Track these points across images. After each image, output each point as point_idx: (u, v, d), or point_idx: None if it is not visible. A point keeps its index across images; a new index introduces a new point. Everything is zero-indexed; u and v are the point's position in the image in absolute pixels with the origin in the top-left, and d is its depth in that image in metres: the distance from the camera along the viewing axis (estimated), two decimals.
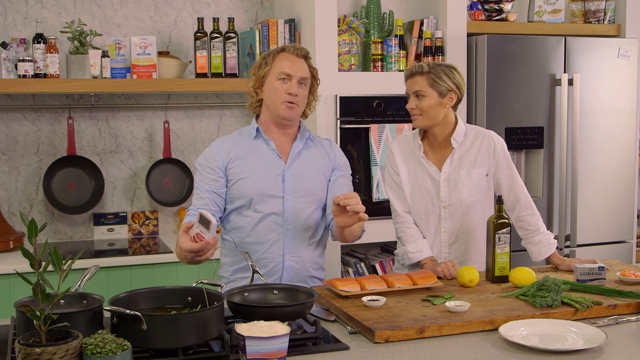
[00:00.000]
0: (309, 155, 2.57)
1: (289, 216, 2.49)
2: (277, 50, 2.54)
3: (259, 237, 2.49)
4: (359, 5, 3.96)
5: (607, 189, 3.97)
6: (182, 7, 3.90)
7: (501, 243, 2.47)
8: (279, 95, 2.47)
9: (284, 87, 2.47)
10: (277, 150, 2.52)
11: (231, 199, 2.51)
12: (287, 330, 1.66)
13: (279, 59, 2.50)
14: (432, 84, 2.60)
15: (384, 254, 3.92)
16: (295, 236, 2.50)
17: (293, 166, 2.52)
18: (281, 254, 2.50)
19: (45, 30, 3.57)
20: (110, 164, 3.82)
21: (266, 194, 2.48)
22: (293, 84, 2.47)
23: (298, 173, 2.52)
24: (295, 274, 2.52)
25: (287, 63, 2.48)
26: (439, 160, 2.70)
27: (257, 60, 2.58)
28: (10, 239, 3.41)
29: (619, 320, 2.07)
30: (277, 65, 2.49)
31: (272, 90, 2.49)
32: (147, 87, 3.49)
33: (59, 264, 1.61)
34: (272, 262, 2.50)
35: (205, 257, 2.12)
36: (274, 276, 2.50)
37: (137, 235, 3.86)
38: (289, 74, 2.47)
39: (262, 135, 2.53)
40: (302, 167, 2.54)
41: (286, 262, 2.50)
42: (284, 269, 2.50)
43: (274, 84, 2.48)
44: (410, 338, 1.92)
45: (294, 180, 2.50)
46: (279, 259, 2.50)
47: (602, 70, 3.90)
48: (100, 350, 1.57)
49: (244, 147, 2.53)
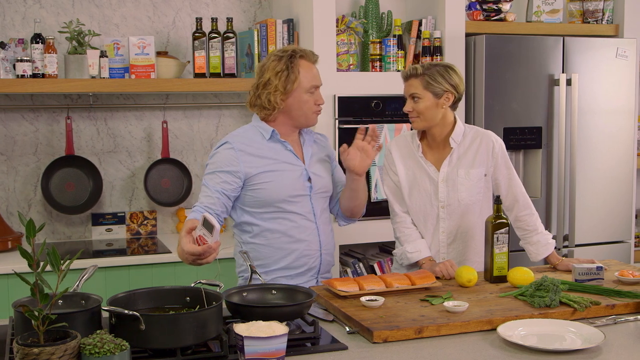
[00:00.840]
0: (317, 152, 2.65)
1: (318, 213, 2.58)
2: (294, 58, 2.50)
3: (296, 237, 2.54)
4: (357, 5, 3.96)
5: (605, 189, 3.97)
6: (181, 7, 3.89)
7: (499, 243, 2.47)
8: (310, 106, 2.53)
9: (313, 98, 2.53)
10: (294, 151, 2.57)
11: (255, 204, 2.52)
12: (285, 330, 1.66)
13: (304, 69, 2.51)
14: (426, 86, 2.60)
15: (382, 254, 3.92)
16: (324, 230, 2.60)
17: (311, 164, 2.59)
18: (318, 249, 2.58)
19: (44, 30, 3.57)
20: (109, 164, 3.82)
21: (295, 194, 2.52)
22: (319, 94, 2.54)
23: (317, 170, 2.60)
24: (326, 265, 2.64)
25: (315, 73, 2.54)
26: (437, 160, 2.70)
27: (277, 67, 2.49)
28: (9, 239, 3.41)
29: (617, 320, 2.07)
30: (304, 78, 2.50)
31: (302, 102, 2.51)
32: (146, 87, 3.49)
33: (57, 264, 1.61)
34: (311, 259, 2.57)
35: (206, 261, 2.12)
36: (312, 272, 2.59)
37: (135, 235, 3.85)
38: (317, 85, 2.54)
39: (279, 139, 2.55)
40: (317, 164, 2.62)
41: (323, 256, 2.60)
42: (322, 263, 2.60)
43: (303, 97, 2.51)
44: (408, 338, 1.92)
45: (316, 178, 2.58)
46: (316, 254, 2.58)
47: (600, 70, 3.90)
48: (98, 351, 1.57)
49: (261, 151, 2.53)
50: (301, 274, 2.56)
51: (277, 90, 2.48)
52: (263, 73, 2.52)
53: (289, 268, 2.54)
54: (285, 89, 2.48)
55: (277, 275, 2.54)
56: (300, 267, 2.55)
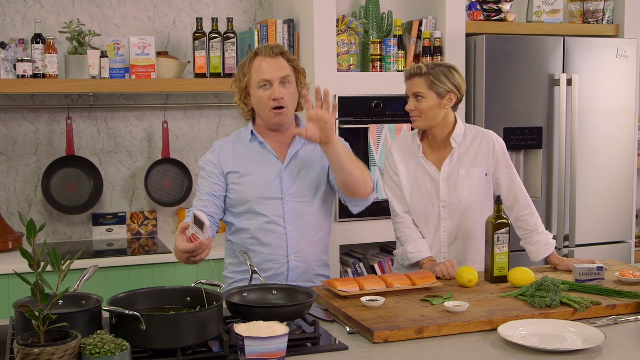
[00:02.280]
0: (310, 150, 2.55)
1: (290, 217, 2.48)
2: (251, 57, 2.49)
3: (261, 240, 2.49)
4: (358, 6, 3.96)
5: (606, 189, 3.97)
6: (181, 8, 3.89)
7: (500, 243, 2.47)
8: (265, 103, 2.43)
9: (267, 94, 2.43)
10: (274, 152, 2.51)
11: (232, 204, 2.52)
12: (286, 330, 1.66)
13: (255, 65, 2.45)
14: (430, 86, 2.60)
15: (383, 254, 3.92)
16: (297, 237, 2.50)
17: (291, 166, 2.51)
18: (285, 255, 2.49)
19: (44, 31, 3.57)
20: (109, 164, 3.82)
21: (265, 196, 2.47)
22: (275, 88, 2.42)
23: (296, 172, 2.51)
24: (301, 273, 2.51)
25: (264, 67, 2.43)
26: (438, 160, 2.70)
27: (237, 72, 2.54)
28: (9, 239, 3.41)
29: (618, 321, 2.07)
30: (255, 73, 2.44)
31: (258, 100, 2.46)
32: (146, 88, 3.49)
33: (57, 265, 1.61)
34: (277, 264, 2.49)
35: (200, 257, 2.13)
36: (280, 278, 2.49)
37: (136, 235, 3.85)
38: (267, 79, 2.42)
39: (257, 139, 2.53)
40: (302, 164, 2.52)
41: (291, 263, 2.50)
42: (289, 270, 2.50)
43: (257, 93, 2.44)
44: (409, 338, 1.92)
45: (291, 181, 2.49)
46: (283, 260, 2.49)
47: (600, 70, 3.90)
48: (99, 351, 1.57)
49: (241, 151, 2.53)
50: (269, 277, 2.46)
51: (236, 93, 2.53)
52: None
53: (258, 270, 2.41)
54: (239, 89, 2.51)
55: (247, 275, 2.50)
56: (267, 271, 2.48)
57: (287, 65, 2.46)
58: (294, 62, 2.51)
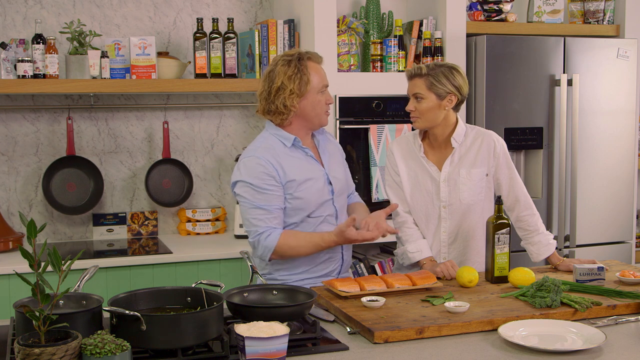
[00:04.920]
0: (332, 152, 2.69)
1: (339, 214, 2.62)
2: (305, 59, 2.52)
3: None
4: (358, 6, 3.97)
5: (606, 189, 3.97)
6: (182, 8, 3.90)
7: (500, 243, 2.47)
8: (322, 106, 2.56)
9: (324, 98, 2.56)
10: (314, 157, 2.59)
11: (289, 213, 2.52)
12: (286, 330, 1.66)
13: (313, 70, 2.53)
14: (430, 87, 2.60)
15: (383, 255, 3.92)
16: None
17: (330, 167, 2.62)
18: (340, 250, 2.62)
19: (45, 31, 3.57)
20: (110, 164, 3.82)
21: (322, 199, 2.55)
22: (328, 93, 2.58)
23: (335, 173, 2.63)
24: (346, 264, 2.67)
25: (322, 73, 2.56)
26: (439, 160, 2.70)
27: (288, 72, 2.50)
28: (10, 239, 3.41)
29: (619, 321, 2.07)
30: (315, 78, 2.53)
31: (315, 103, 2.54)
32: (147, 88, 3.49)
33: (58, 265, 1.61)
34: (333, 261, 2.61)
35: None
36: (333, 274, 2.61)
37: (136, 235, 3.85)
38: (327, 85, 2.58)
39: (301, 146, 2.56)
40: (334, 165, 2.66)
41: (344, 255, 2.64)
42: (343, 263, 2.65)
43: (316, 97, 2.53)
44: (409, 338, 1.92)
45: (335, 181, 2.61)
46: (338, 255, 2.62)
47: (601, 70, 3.90)
48: (99, 351, 1.57)
49: (288, 159, 2.52)
50: (323, 276, 2.58)
51: (292, 94, 2.49)
52: (273, 79, 2.50)
53: (312, 271, 2.56)
54: (300, 91, 2.50)
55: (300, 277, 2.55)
56: (322, 270, 2.58)
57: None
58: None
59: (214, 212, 3.89)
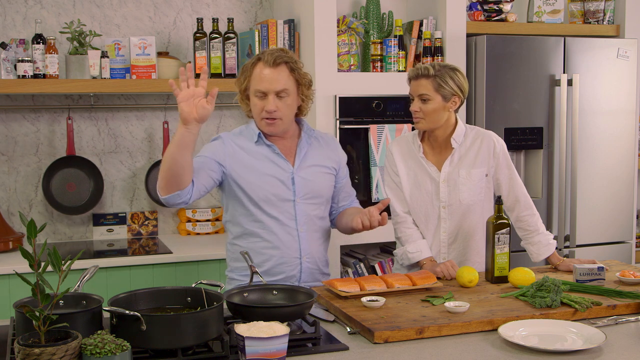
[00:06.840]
0: (315, 156, 2.57)
1: (301, 219, 2.51)
2: (254, 61, 2.47)
3: (274, 242, 2.50)
4: (358, 6, 3.96)
5: (606, 189, 3.97)
6: (182, 8, 3.90)
7: (500, 243, 2.47)
8: (258, 112, 2.46)
9: (261, 104, 2.44)
10: (282, 154, 2.52)
11: (240, 202, 2.50)
12: (286, 330, 1.66)
13: (256, 72, 2.45)
14: (437, 88, 2.58)
15: (383, 255, 3.92)
16: (308, 238, 2.52)
17: (301, 168, 2.52)
18: (298, 257, 2.51)
19: (45, 31, 3.57)
20: (110, 164, 3.82)
21: (278, 198, 2.48)
22: (269, 101, 2.42)
23: (307, 175, 2.53)
24: (310, 274, 2.55)
25: (264, 76, 2.41)
26: (438, 161, 2.70)
27: (239, 72, 2.55)
28: (10, 239, 3.41)
29: (619, 321, 2.07)
30: (253, 80, 2.44)
31: (252, 106, 2.49)
32: (147, 88, 3.49)
33: (58, 265, 1.61)
34: (289, 267, 2.51)
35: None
36: (292, 280, 2.51)
37: (136, 235, 3.86)
38: (262, 91, 2.42)
39: (264, 141, 2.52)
40: (310, 168, 2.54)
41: (303, 264, 2.52)
42: (302, 271, 2.53)
43: (253, 100, 2.47)
44: (409, 338, 1.92)
45: (303, 183, 2.51)
46: (296, 262, 2.51)
47: (601, 70, 3.90)
48: (99, 351, 1.57)
49: (251, 151, 2.51)
50: (280, 281, 2.49)
51: (239, 94, 2.54)
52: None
53: (269, 274, 2.49)
54: (241, 93, 2.53)
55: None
56: (279, 274, 2.50)
57: (288, 77, 2.44)
58: (297, 73, 2.47)
59: (214, 212, 3.89)
